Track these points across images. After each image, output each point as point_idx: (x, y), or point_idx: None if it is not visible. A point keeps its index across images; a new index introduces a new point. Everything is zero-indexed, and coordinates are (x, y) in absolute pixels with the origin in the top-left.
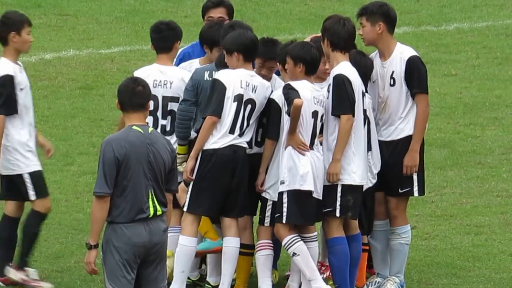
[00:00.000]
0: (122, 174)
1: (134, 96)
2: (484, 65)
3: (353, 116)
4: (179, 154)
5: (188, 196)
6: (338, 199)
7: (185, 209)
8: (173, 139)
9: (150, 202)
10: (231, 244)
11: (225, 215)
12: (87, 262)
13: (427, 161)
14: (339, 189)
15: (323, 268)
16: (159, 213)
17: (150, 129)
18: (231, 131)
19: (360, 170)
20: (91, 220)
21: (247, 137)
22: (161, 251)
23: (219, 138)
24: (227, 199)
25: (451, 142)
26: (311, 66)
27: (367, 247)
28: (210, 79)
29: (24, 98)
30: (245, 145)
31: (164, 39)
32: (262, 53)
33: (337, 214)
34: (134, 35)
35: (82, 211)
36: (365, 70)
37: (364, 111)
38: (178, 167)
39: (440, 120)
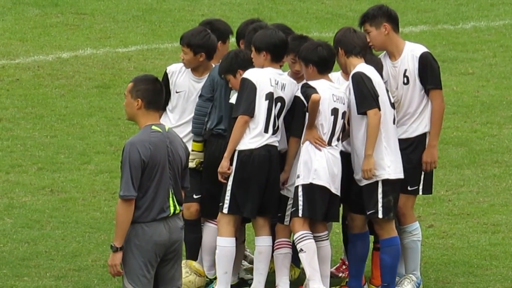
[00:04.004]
0: (146, 175)
1: (158, 95)
2: (501, 64)
3: (379, 109)
4: (193, 151)
5: (228, 198)
6: (380, 200)
7: (225, 211)
8: None
9: (171, 201)
10: (265, 243)
11: (259, 214)
12: (112, 264)
13: (444, 160)
14: (379, 189)
15: (343, 267)
16: (177, 211)
17: (167, 127)
18: (266, 130)
19: (393, 164)
20: (116, 223)
21: (279, 135)
22: (178, 249)
23: (253, 137)
24: (262, 199)
25: (468, 140)
26: (321, 65)
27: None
28: None
29: (177, 100)
30: (277, 144)
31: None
32: (293, 48)
33: (380, 216)
34: (151, 34)
35: (99, 210)
36: (377, 68)
37: (392, 104)
38: (190, 163)
39: (457, 119)
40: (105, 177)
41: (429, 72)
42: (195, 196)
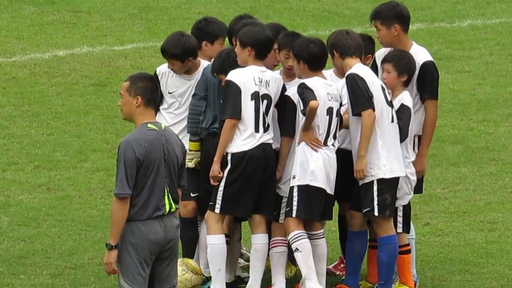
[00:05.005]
0: (141, 173)
1: (155, 92)
2: (497, 62)
3: (373, 110)
4: (190, 150)
5: (220, 199)
6: (375, 198)
7: (217, 211)
8: None
9: (166, 200)
10: (262, 241)
11: (255, 212)
12: (107, 262)
13: (440, 158)
14: (375, 187)
15: (342, 265)
16: (173, 210)
17: (163, 125)
18: (256, 129)
19: (389, 163)
20: (111, 221)
21: (272, 133)
22: (174, 247)
23: (245, 139)
24: (258, 197)
25: (465, 138)
26: (312, 63)
27: (408, 248)
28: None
29: (170, 99)
30: (272, 141)
31: None
32: (287, 44)
33: (376, 213)
34: (148, 32)
35: (95, 208)
36: (412, 68)
37: (389, 103)
38: (187, 163)
39: (453, 117)
40: (102, 175)
41: (428, 82)
42: (192, 195)
